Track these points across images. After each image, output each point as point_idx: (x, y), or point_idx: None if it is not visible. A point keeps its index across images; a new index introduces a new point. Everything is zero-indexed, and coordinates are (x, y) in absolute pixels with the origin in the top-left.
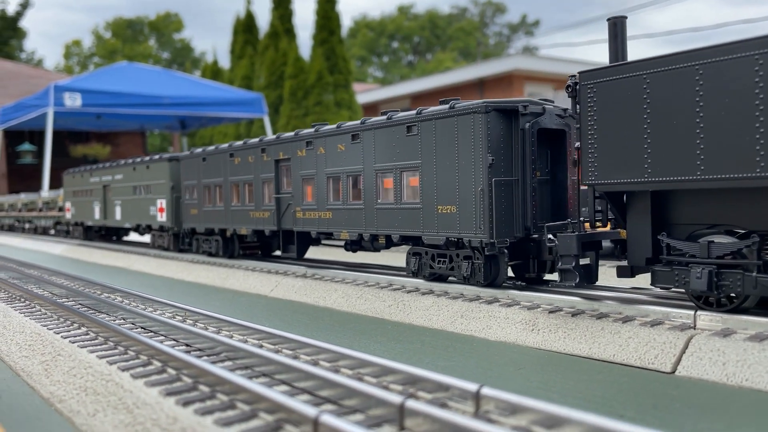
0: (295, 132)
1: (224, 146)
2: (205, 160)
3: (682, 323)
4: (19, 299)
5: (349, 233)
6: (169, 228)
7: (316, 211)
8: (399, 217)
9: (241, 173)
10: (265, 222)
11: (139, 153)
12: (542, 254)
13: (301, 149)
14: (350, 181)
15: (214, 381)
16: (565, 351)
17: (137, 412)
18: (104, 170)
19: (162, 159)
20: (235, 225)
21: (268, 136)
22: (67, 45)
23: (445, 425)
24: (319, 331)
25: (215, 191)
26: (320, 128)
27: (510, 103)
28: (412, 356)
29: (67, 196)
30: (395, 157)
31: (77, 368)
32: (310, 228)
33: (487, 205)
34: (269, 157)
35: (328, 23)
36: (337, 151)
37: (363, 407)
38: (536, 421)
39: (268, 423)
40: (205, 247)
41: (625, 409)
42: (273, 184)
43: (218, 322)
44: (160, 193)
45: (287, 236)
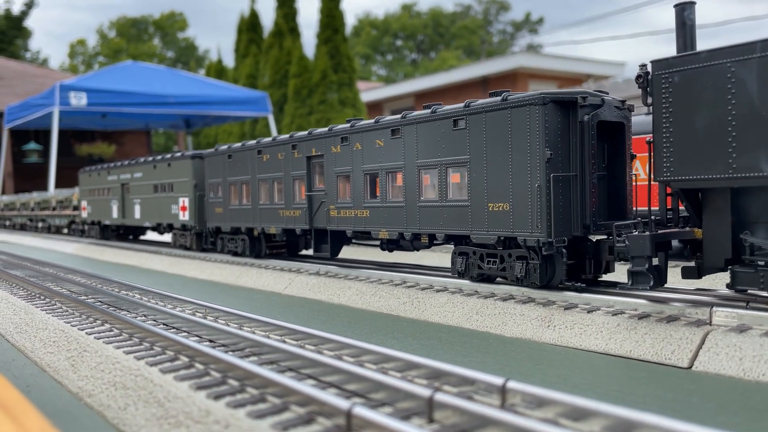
0: (329, 127)
1: (251, 143)
2: (230, 157)
3: (698, 319)
4: (39, 297)
5: (388, 232)
6: (192, 227)
7: (351, 210)
8: (444, 215)
9: (270, 171)
10: (296, 221)
11: (144, 152)
12: (601, 254)
13: (336, 145)
14: (390, 178)
15: (243, 375)
16: (581, 347)
17: (169, 405)
18: (122, 168)
19: (185, 157)
20: (264, 224)
21: (298, 132)
22: (72, 44)
23: (474, 417)
24: (335, 327)
25: (242, 189)
26: (356, 123)
27: (568, 95)
28: (429, 352)
29: (82, 195)
30: (440, 152)
31: (104, 364)
32: (346, 227)
33: (544, 202)
34: (300, 154)
35: (333, 22)
36: (375, 147)
37: (391, 400)
38: (562, 413)
39: (300, 415)
40: (231, 247)
41: (644, 404)
42: (305, 181)
43: (239, 318)
44: (183, 192)
45: (320, 235)
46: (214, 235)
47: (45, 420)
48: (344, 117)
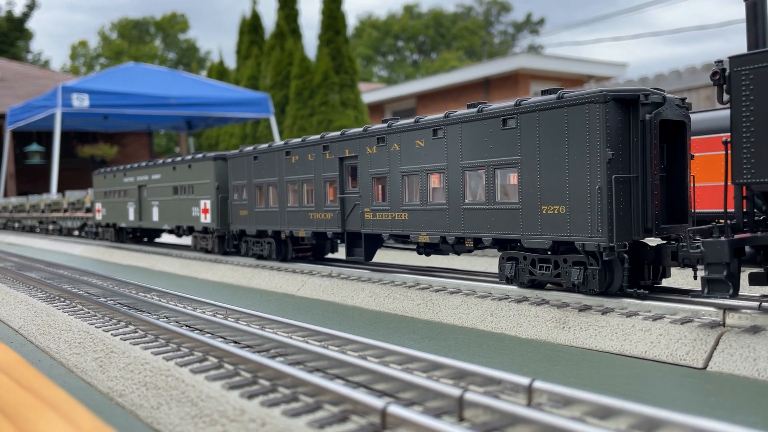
0: (364, 128)
1: (279, 144)
2: (256, 158)
3: (712, 321)
4: (58, 299)
5: (429, 236)
6: (214, 230)
7: (388, 212)
8: (492, 219)
9: (299, 172)
10: (327, 224)
11: (146, 153)
12: (663, 259)
13: (371, 146)
14: (431, 179)
15: (273, 375)
16: (596, 348)
17: (202, 404)
18: (140, 170)
19: (206, 158)
20: (292, 227)
21: (330, 133)
22: (74, 46)
23: (505, 416)
24: (351, 328)
25: (268, 191)
26: (393, 123)
27: (629, 92)
28: (447, 353)
29: (96, 197)
30: (487, 152)
31: (133, 364)
32: (382, 230)
33: (605, 205)
34: (333, 155)
35: (334, 23)
36: (415, 148)
37: (420, 400)
38: (589, 412)
39: (334, 414)
40: (256, 250)
41: (662, 403)
42: (337, 183)
43: (260, 319)
44: (204, 194)
45: (352, 239)
46: (238, 238)
47: (96, 418)
48: (346, 118)
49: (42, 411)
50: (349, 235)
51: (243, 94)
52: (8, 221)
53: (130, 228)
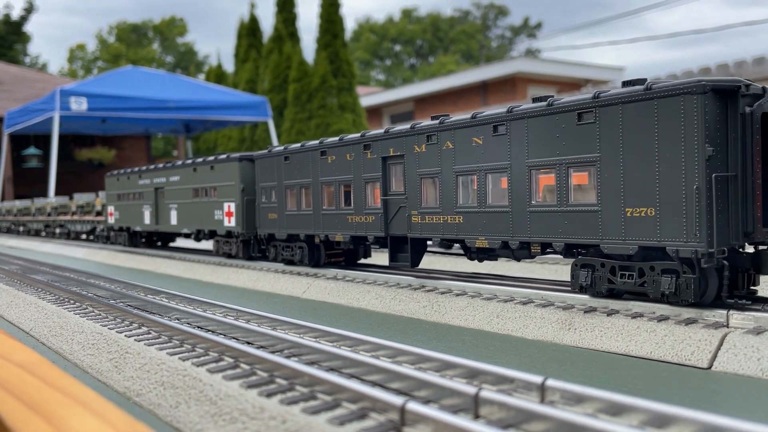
0: (411, 125)
1: (313, 143)
2: (287, 159)
3: (716, 322)
4: (68, 301)
5: (488, 240)
6: (238, 234)
7: (440, 215)
8: (564, 222)
9: (336, 173)
10: (368, 227)
11: (144, 157)
12: (763, 267)
13: (420, 144)
14: (490, 179)
15: (290, 374)
16: (602, 348)
17: (221, 403)
18: (156, 172)
19: (231, 159)
20: (327, 231)
21: (372, 131)
22: (71, 49)
23: (520, 412)
24: (359, 330)
25: (301, 193)
26: (446, 120)
27: (728, 82)
28: (455, 354)
29: (109, 200)
30: (559, 150)
31: (149, 364)
32: (432, 234)
33: (704, 207)
34: (375, 155)
35: (332, 27)
36: (472, 146)
37: (435, 398)
38: (601, 409)
39: (353, 411)
40: (286, 255)
41: (669, 402)
42: (379, 184)
43: (271, 321)
44: (228, 196)
45: (396, 243)
46: (266, 242)
47: (127, 414)
48: (344, 122)
49: (72, 408)
50: (393, 240)
51: (241, 97)
52: (13, 225)
53: (145, 232)
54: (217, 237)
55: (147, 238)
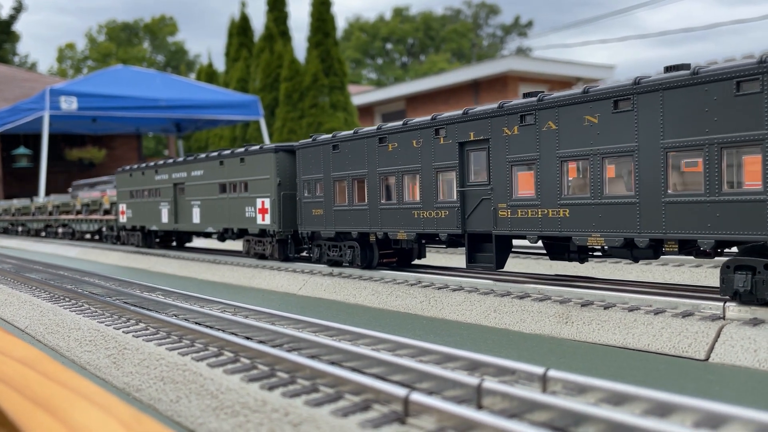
0: (499, 104)
1: (370, 129)
2: (336, 148)
3: (712, 314)
4: (63, 299)
5: (605, 238)
6: (275, 232)
7: (537, 208)
8: (716, 214)
9: (399, 162)
10: (440, 223)
11: (135, 156)
12: None
13: (511, 126)
14: (608, 165)
15: (291, 368)
16: (600, 342)
17: (222, 397)
18: (175, 166)
19: (265, 150)
20: (387, 228)
21: (444, 113)
22: (61, 48)
23: (523, 402)
24: (357, 325)
25: (353, 186)
26: (545, 97)
27: None
28: (454, 347)
29: (120, 198)
30: (709, 127)
31: (148, 360)
32: (526, 230)
33: None
34: (450, 140)
35: (323, 25)
36: (583, 126)
37: (439, 389)
38: (603, 398)
39: (356, 403)
40: (333, 255)
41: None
42: (455, 174)
43: (269, 316)
44: (262, 191)
45: (475, 242)
46: (308, 241)
47: (131, 406)
48: (336, 121)
49: (76, 401)
50: (472, 238)
51: (232, 96)
52: (10, 225)
53: (161, 231)
54: (248, 236)
55: (162, 238)
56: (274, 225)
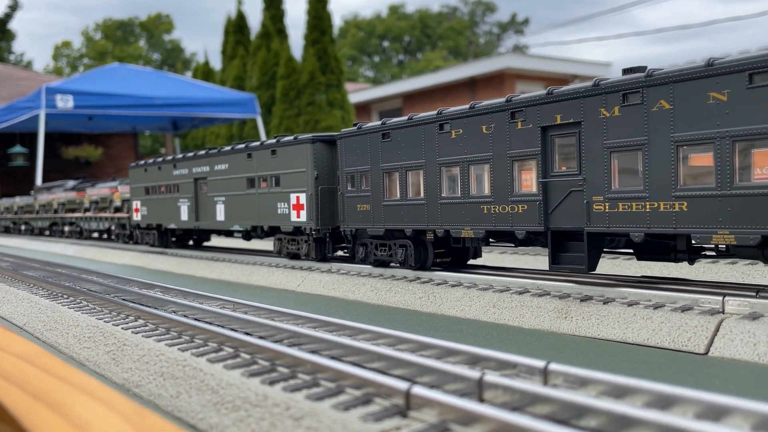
0: (595, 81)
1: (428, 114)
2: (387, 136)
3: (711, 308)
4: (62, 296)
5: (735, 235)
6: (312, 230)
7: (645, 201)
8: None
9: (465, 150)
10: (516, 219)
11: (131, 155)
12: None
13: (610, 106)
14: (738, 149)
15: (292, 362)
16: (599, 336)
17: (223, 392)
18: (196, 160)
19: (301, 141)
20: (449, 224)
21: (521, 95)
22: (57, 46)
23: (525, 395)
24: (356, 321)
25: (406, 178)
26: (654, 71)
27: None
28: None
29: (134, 194)
30: None
31: (148, 356)
32: (629, 227)
33: None
34: (530, 124)
35: (320, 23)
36: (708, 104)
37: (440, 383)
38: (605, 391)
39: (357, 397)
40: (381, 255)
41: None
42: (536, 163)
43: (269, 312)
44: (297, 186)
45: (560, 240)
46: (351, 239)
47: (133, 401)
48: (332, 118)
49: (76, 396)
50: (556, 235)
51: (229, 94)
52: (13, 223)
53: (180, 230)
54: (280, 234)
55: (179, 237)
56: (310, 222)
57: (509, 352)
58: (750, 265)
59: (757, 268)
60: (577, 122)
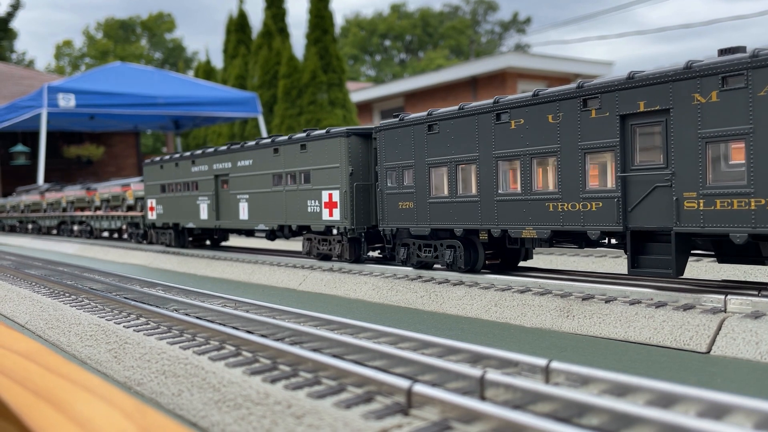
0: (687, 63)
1: (484, 104)
2: (434, 128)
3: (713, 307)
4: (64, 294)
5: None
6: (346, 230)
7: (749, 198)
8: None
9: (527, 142)
10: (589, 218)
11: (133, 154)
12: None
13: (705, 91)
14: None
15: (294, 361)
16: (601, 335)
17: (225, 390)
18: (217, 156)
19: (334, 134)
20: (508, 224)
21: (592, 80)
22: (58, 45)
23: (527, 393)
24: (358, 319)
25: (456, 173)
26: (761, 52)
27: None
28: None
29: (149, 192)
30: None
31: (149, 354)
32: (730, 226)
33: None
34: (606, 112)
35: (322, 22)
36: None
37: (441, 381)
38: (607, 390)
39: (358, 395)
40: (425, 257)
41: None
42: (613, 155)
43: (270, 311)
44: (329, 182)
45: (641, 241)
46: (391, 240)
47: (134, 399)
48: (334, 117)
49: (78, 393)
50: (636, 236)
51: (231, 93)
52: (19, 222)
53: (198, 229)
54: (310, 234)
55: (196, 237)
56: (345, 221)
57: (511, 350)
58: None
59: (760, 266)
60: (665, 110)
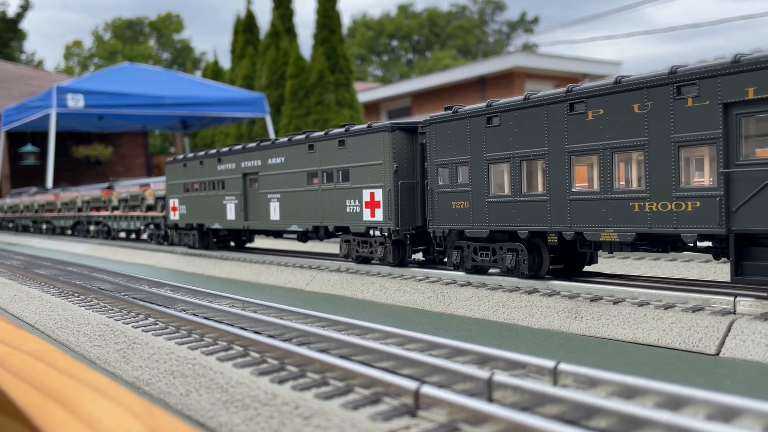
0: None
1: (555, 92)
2: (493, 121)
3: (722, 308)
4: (73, 294)
5: None
6: (390, 231)
7: None
8: None
9: (607, 135)
10: (683, 219)
11: (141, 154)
12: None
13: None
14: None
15: (301, 361)
16: (609, 336)
17: (232, 390)
18: (245, 154)
19: (377, 129)
20: (583, 225)
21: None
22: (68, 45)
23: (534, 395)
24: (365, 320)
25: (520, 170)
26: None
27: None
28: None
29: (171, 191)
30: None
31: (158, 354)
32: None
33: None
34: (705, 100)
35: (329, 22)
36: None
37: (449, 383)
38: (615, 392)
39: (366, 396)
40: (481, 261)
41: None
42: (715, 148)
43: (278, 311)
44: (371, 181)
45: (745, 245)
46: (442, 242)
47: (143, 399)
48: (341, 117)
49: (87, 393)
50: (741, 239)
51: (238, 93)
52: (33, 222)
53: (225, 230)
54: (349, 236)
55: (221, 238)
56: (389, 222)
57: (518, 351)
58: None
59: None
60: None
